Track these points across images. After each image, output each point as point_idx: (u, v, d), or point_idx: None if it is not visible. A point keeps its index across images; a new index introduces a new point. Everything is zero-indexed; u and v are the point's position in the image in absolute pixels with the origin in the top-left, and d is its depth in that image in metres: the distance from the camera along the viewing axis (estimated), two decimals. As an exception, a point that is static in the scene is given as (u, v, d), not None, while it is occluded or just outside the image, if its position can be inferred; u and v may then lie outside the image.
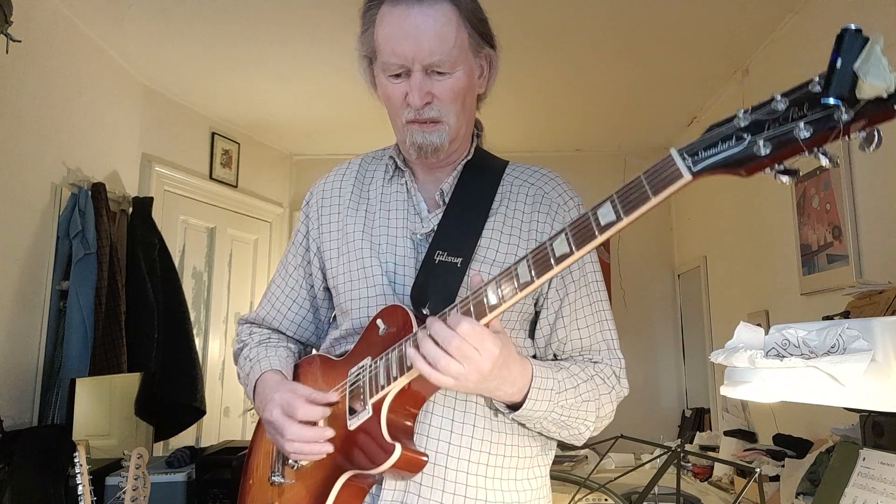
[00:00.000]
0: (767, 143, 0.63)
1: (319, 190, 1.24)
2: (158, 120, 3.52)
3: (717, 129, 0.68)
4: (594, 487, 1.90)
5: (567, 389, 1.00)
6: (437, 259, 1.04)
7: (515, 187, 1.12)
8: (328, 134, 4.22)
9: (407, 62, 1.01)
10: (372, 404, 0.96)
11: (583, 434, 1.05)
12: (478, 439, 1.03)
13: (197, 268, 3.85)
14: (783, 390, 0.94)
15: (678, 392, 4.22)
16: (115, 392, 2.66)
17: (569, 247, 0.79)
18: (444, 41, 1.01)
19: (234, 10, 2.69)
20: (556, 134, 4.14)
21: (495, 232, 1.07)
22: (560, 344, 1.09)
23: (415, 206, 1.13)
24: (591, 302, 1.11)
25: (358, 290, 1.10)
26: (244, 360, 1.20)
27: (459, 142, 1.12)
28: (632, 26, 2.81)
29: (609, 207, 0.75)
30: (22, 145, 2.46)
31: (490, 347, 0.86)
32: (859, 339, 0.88)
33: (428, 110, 1.03)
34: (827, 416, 2.14)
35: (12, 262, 2.41)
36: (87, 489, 1.57)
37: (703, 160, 0.68)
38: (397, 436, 0.94)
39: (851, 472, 1.24)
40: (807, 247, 2.53)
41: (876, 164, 2.15)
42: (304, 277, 1.23)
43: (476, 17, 1.07)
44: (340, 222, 1.17)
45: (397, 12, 1.01)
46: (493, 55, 1.12)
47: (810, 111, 0.62)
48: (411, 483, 1.01)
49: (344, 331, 1.12)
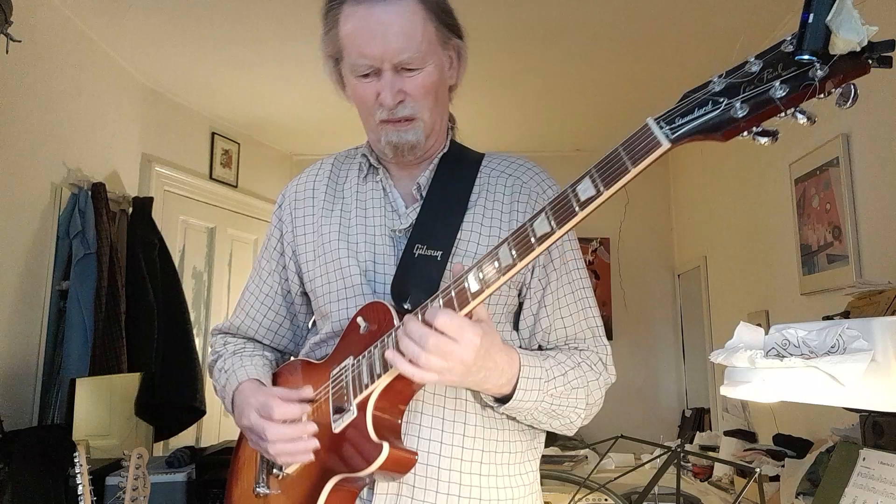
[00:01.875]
0: (744, 105, 0.63)
1: (291, 192, 1.20)
2: (158, 120, 3.52)
3: (693, 96, 0.67)
4: (594, 487, 1.90)
5: (555, 377, 0.99)
6: (416, 253, 1.02)
7: (493, 178, 1.10)
8: (328, 134, 4.22)
9: (376, 62, 0.99)
10: (357, 404, 0.94)
11: (574, 423, 1.04)
12: (469, 437, 1.01)
13: (197, 268, 3.85)
14: (783, 390, 0.94)
15: (678, 392, 4.22)
16: (115, 392, 2.66)
17: (549, 226, 0.78)
18: (411, 37, 0.99)
19: (234, 10, 2.69)
20: (556, 134, 4.14)
21: (475, 224, 1.06)
22: (544, 334, 1.08)
23: (391, 202, 1.11)
24: (574, 290, 1.09)
25: (336, 291, 1.08)
26: (219, 372, 1.16)
27: (435, 137, 1.10)
28: (632, 26, 2.81)
29: (588, 182, 0.75)
30: (22, 145, 2.46)
31: (470, 338, 0.84)
32: (859, 339, 0.88)
33: (401, 109, 1.02)
34: (827, 416, 2.14)
35: (12, 262, 2.41)
36: (87, 489, 1.57)
37: (680, 127, 0.67)
38: (385, 435, 0.92)
39: (851, 472, 1.24)
40: (807, 247, 2.53)
41: (876, 164, 2.15)
42: (279, 283, 1.20)
43: (441, 9, 1.05)
44: (315, 224, 1.14)
45: (361, 11, 0.99)
46: (461, 45, 1.09)
47: (785, 70, 0.61)
48: (403, 485, 0.98)
49: (324, 334, 1.10)
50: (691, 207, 4.12)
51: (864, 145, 2.22)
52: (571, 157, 4.43)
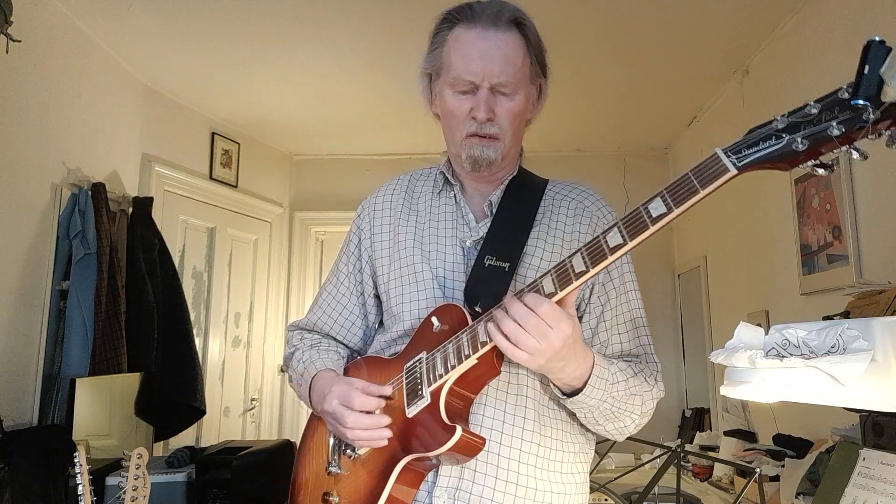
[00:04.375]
0: (805, 141, 0.73)
1: (371, 204, 1.32)
2: (158, 120, 3.52)
3: (758, 131, 0.78)
4: (594, 487, 1.90)
5: (619, 381, 1.06)
6: (486, 263, 1.12)
7: (557, 201, 1.21)
8: (328, 134, 4.23)
9: (477, 79, 1.10)
10: (430, 392, 1.02)
11: (627, 427, 1.12)
12: (528, 430, 1.09)
13: (197, 268, 3.85)
14: (783, 390, 0.94)
15: (678, 392, 4.22)
16: (115, 392, 2.66)
17: (622, 238, 0.87)
18: (512, 65, 1.11)
19: (234, 10, 2.69)
20: (556, 134, 4.14)
21: (539, 240, 1.16)
22: (602, 347, 1.16)
23: (463, 216, 1.21)
24: (630, 309, 1.18)
25: (409, 293, 1.17)
26: (297, 362, 1.25)
27: (508, 160, 1.20)
28: (632, 27, 2.81)
29: (659, 201, 0.84)
30: (22, 145, 2.46)
31: (564, 327, 0.92)
32: (859, 339, 0.88)
33: (489, 126, 1.12)
34: (827, 416, 2.14)
35: (12, 262, 2.41)
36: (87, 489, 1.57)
37: (746, 157, 0.78)
38: (455, 420, 1.00)
39: (851, 472, 1.24)
40: (807, 247, 2.53)
41: (876, 164, 2.15)
42: (356, 284, 1.30)
43: (539, 48, 1.18)
44: (392, 232, 1.25)
45: (474, 34, 1.11)
46: (545, 85, 1.22)
47: (841, 113, 0.71)
48: (465, 469, 1.06)
49: (395, 332, 1.19)
50: (691, 207, 4.12)
51: (865, 145, 2.21)
52: (571, 157, 4.43)
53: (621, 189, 4.28)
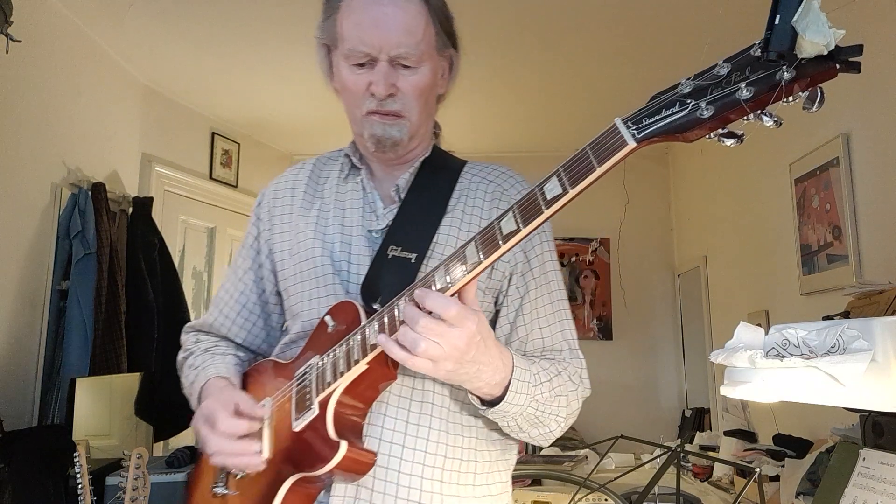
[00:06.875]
0: (710, 107, 0.64)
1: (271, 191, 1.20)
2: (158, 120, 3.52)
3: (661, 97, 0.69)
4: (594, 487, 1.90)
5: (543, 383, 0.96)
6: (390, 254, 1.00)
7: (474, 185, 1.09)
8: (328, 134, 4.21)
9: (373, 51, 0.98)
10: (318, 402, 0.92)
11: (553, 432, 1.01)
12: (433, 442, 0.97)
13: (197, 268, 3.85)
14: (783, 390, 0.94)
15: (678, 392, 4.22)
16: (115, 392, 2.66)
17: (516, 224, 0.77)
18: (412, 34, 0.98)
19: (234, 10, 2.69)
20: (556, 134, 4.14)
21: (452, 228, 1.04)
22: (521, 343, 1.05)
23: (370, 203, 1.09)
24: (553, 300, 1.08)
25: (308, 290, 1.06)
26: (189, 368, 1.14)
27: (418, 140, 1.09)
28: (631, 26, 2.81)
29: (555, 181, 0.74)
30: (22, 145, 2.46)
31: (468, 324, 0.81)
32: (859, 339, 0.88)
33: (391, 102, 1.01)
34: (827, 416, 2.14)
35: (12, 262, 2.41)
36: (87, 489, 1.57)
37: (646, 127, 0.68)
38: (344, 434, 0.89)
39: (851, 472, 1.24)
40: (807, 247, 2.53)
41: (876, 164, 2.15)
42: (255, 281, 1.18)
43: (444, 16, 1.05)
44: (292, 223, 1.13)
45: (366, 0, 0.99)
46: (455, 56, 1.10)
47: (752, 73, 0.62)
48: (361, 489, 0.95)
49: (294, 334, 1.08)
50: (691, 207, 4.12)
51: (864, 145, 2.22)
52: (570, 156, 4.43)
53: (621, 189, 4.29)
